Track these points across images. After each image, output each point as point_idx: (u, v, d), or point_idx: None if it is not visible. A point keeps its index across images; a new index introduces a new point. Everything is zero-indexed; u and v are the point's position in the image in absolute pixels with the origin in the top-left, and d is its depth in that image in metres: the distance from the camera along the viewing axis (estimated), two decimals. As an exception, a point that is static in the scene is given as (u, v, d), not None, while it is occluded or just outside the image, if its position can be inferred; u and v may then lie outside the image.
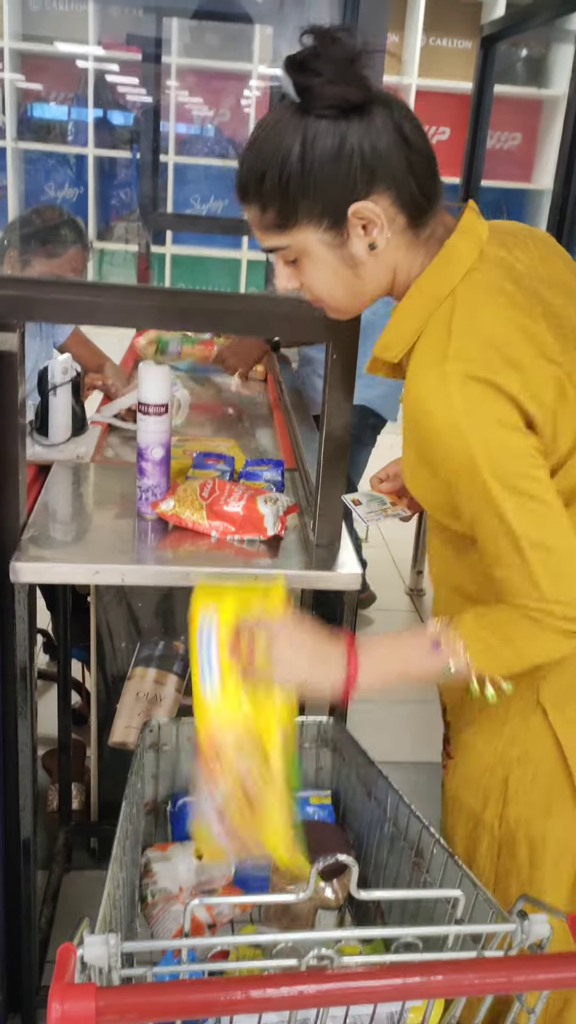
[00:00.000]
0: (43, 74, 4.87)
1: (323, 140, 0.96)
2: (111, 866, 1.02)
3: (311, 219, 0.99)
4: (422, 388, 1.00)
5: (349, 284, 1.05)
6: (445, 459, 1.00)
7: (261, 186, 0.99)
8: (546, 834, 1.15)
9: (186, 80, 4.90)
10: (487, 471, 0.97)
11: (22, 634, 1.40)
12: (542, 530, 0.98)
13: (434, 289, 1.03)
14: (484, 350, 0.98)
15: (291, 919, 1.23)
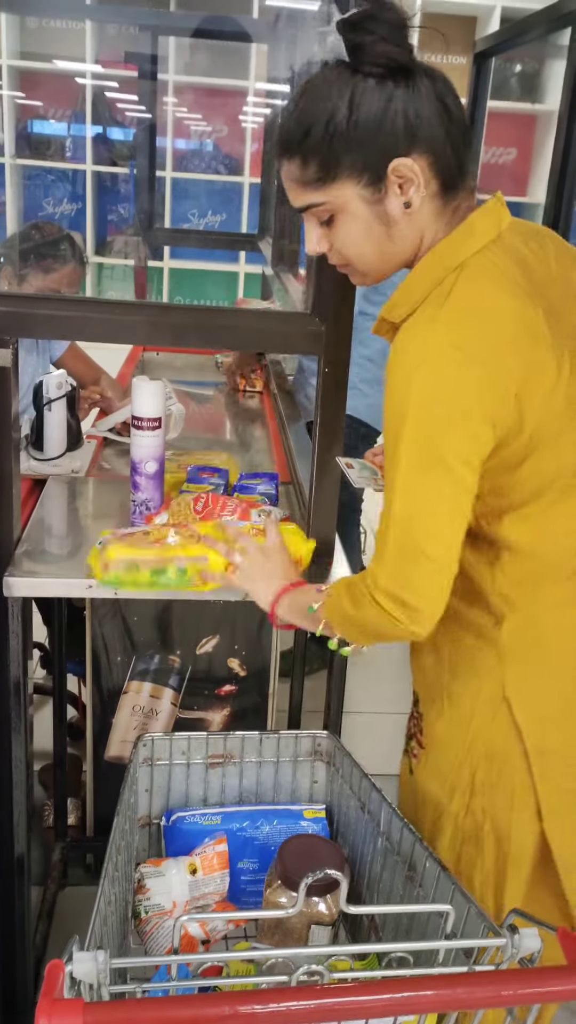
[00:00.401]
0: (41, 91, 4.90)
1: (370, 97, 1.00)
2: (102, 882, 1.01)
3: (352, 173, 1.03)
4: (404, 338, 1.03)
5: (380, 243, 1.08)
6: (387, 401, 1.03)
7: (306, 139, 1.03)
8: (511, 827, 1.17)
9: (183, 97, 4.93)
10: (410, 430, 1.00)
11: (16, 649, 1.40)
12: (420, 511, 1.02)
13: (447, 258, 1.06)
14: (473, 322, 1.00)
15: (284, 934, 1.22)
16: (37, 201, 5.05)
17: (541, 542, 1.11)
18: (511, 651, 1.15)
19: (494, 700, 1.16)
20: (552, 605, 1.14)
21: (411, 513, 1.02)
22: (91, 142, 4.86)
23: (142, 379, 1.49)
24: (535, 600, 1.14)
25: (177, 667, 1.89)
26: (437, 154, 1.03)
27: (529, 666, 1.15)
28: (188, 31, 3.65)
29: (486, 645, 1.16)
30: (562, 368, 1.04)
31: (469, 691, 1.18)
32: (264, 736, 1.38)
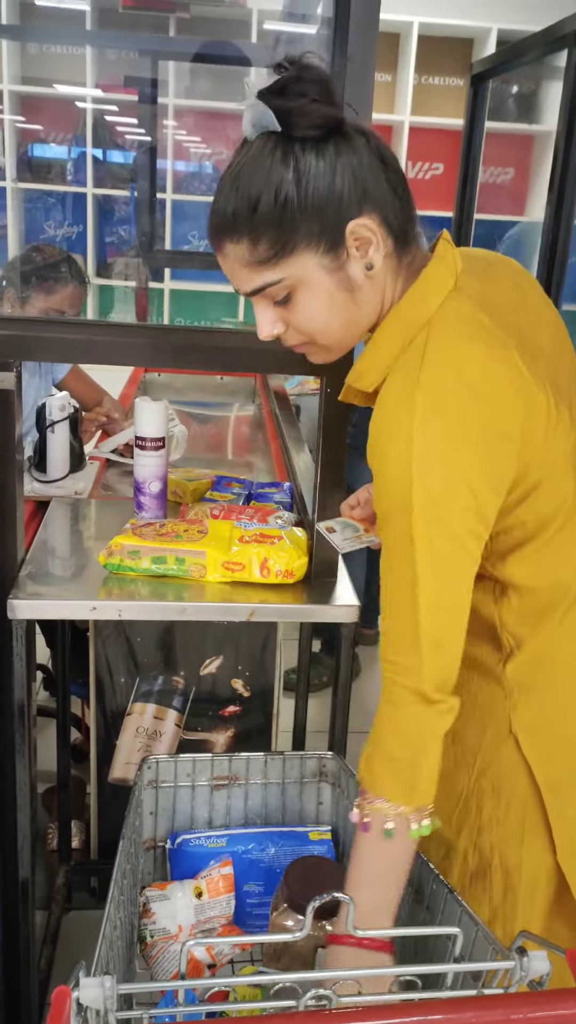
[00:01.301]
0: (42, 115, 4.95)
1: (315, 162, 0.96)
2: (107, 907, 1.01)
3: (310, 242, 0.98)
4: (386, 414, 0.99)
5: (345, 311, 1.03)
6: (385, 478, 0.99)
7: (253, 217, 0.97)
8: (521, 861, 1.15)
9: (183, 120, 4.97)
10: (421, 521, 0.95)
11: (20, 671, 1.39)
12: (446, 594, 0.98)
13: (411, 316, 1.02)
14: (456, 387, 0.97)
15: (291, 958, 1.21)
16: (38, 224, 5.09)
17: (545, 576, 1.10)
18: (518, 687, 1.13)
19: (500, 736, 1.14)
20: (559, 637, 1.12)
21: (439, 602, 0.98)
22: (92, 165, 4.90)
23: (145, 400, 1.51)
24: (541, 633, 1.12)
25: (181, 688, 1.89)
26: (385, 209, 1.00)
27: (537, 699, 1.13)
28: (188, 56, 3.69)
29: (491, 682, 1.14)
30: (549, 402, 1.01)
31: (474, 728, 1.16)
32: (269, 757, 1.38)
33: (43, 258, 2.35)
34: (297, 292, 1.01)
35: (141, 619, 1.61)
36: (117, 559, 1.45)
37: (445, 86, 4.80)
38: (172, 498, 1.70)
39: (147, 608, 1.40)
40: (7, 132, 4.79)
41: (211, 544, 1.46)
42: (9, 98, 4.70)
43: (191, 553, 1.45)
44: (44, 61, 4.85)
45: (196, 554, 1.45)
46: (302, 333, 1.05)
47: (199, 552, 1.45)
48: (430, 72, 4.75)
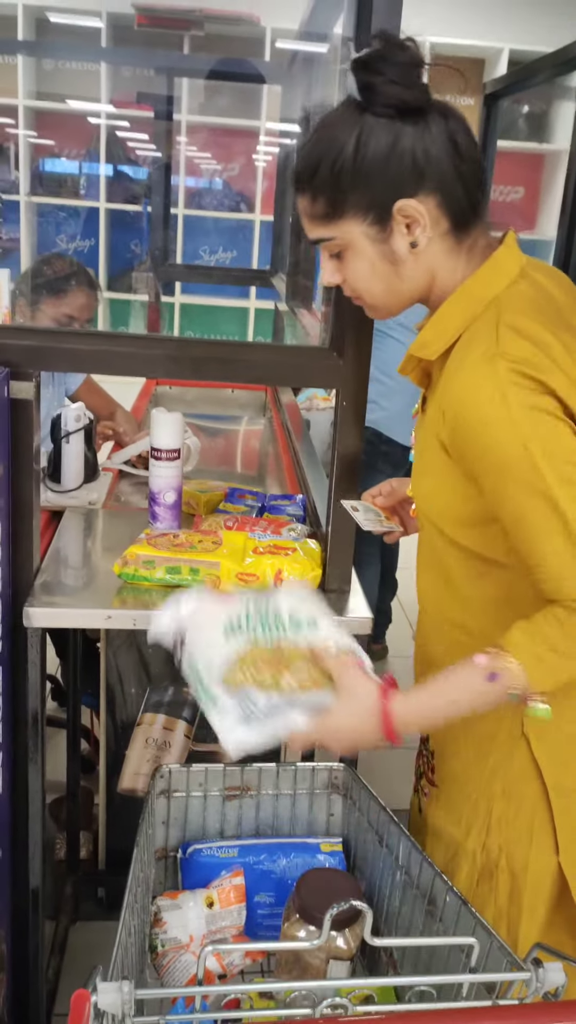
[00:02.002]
0: (57, 131, 5.00)
1: (377, 137, 1.00)
2: (123, 913, 1.01)
3: (357, 212, 1.04)
4: (469, 381, 1.01)
5: (388, 281, 1.09)
6: (485, 452, 1.00)
7: (314, 176, 1.04)
8: (527, 863, 1.16)
9: (195, 136, 5.02)
10: (542, 460, 0.97)
11: (34, 679, 1.40)
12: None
13: (479, 293, 1.06)
14: (534, 351, 1.00)
15: (302, 970, 1.21)
16: (51, 237, 5.13)
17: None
18: None
19: (512, 737, 1.15)
20: None
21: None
22: (105, 180, 4.95)
23: (161, 411, 1.53)
24: None
25: (191, 699, 1.89)
26: (447, 194, 1.04)
27: (549, 702, 1.14)
28: (202, 73, 3.73)
29: None
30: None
31: (487, 729, 1.17)
32: (281, 768, 1.38)
33: (52, 269, 2.37)
34: (346, 252, 1.08)
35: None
36: (132, 568, 1.46)
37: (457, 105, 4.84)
38: (186, 509, 1.70)
39: (161, 618, 1.41)
40: (22, 147, 4.84)
41: (225, 555, 1.47)
42: (24, 113, 4.75)
43: (205, 564, 1.46)
44: (59, 77, 4.90)
45: (210, 565, 1.46)
46: (352, 289, 1.13)
47: (213, 563, 1.46)
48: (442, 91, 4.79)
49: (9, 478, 1.39)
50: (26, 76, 4.72)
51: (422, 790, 1.32)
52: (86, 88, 4.82)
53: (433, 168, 1.02)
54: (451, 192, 1.04)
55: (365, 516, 1.39)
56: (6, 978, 1.51)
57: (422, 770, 1.31)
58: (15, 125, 4.80)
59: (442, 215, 1.05)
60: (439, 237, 1.06)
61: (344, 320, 1.37)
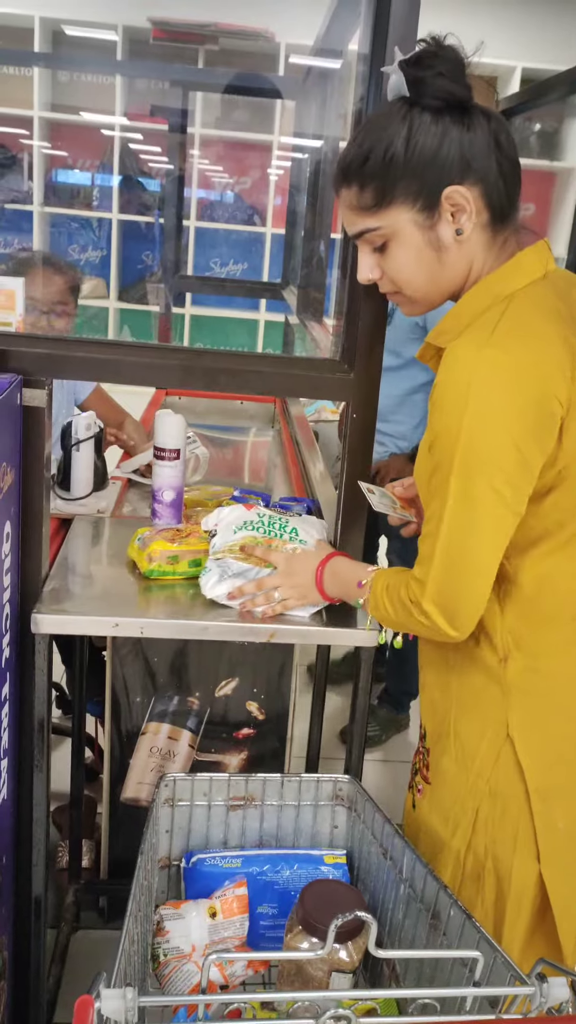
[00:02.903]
0: (71, 142, 5.04)
1: (427, 127, 1.06)
2: (127, 921, 1.01)
3: (407, 198, 1.08)
4: (449, 363, 1.06)
5: (431, 269, 1.12)
6: (437, 421, 1.07)
7: (364, 165, 1.09)
8: (512, 867, 1.17)
9: (208, 149, 5.05)
10: (463, 452, 1.03)
11: (41, 686, 1.40)
12: (469, 528, 1.06)
13: (498, 288, 1.10)
14: (522, 349, 1.03)
15: (304, 982, 1.21)
16: (63, 248, 5.16)
17: (550, 582, 1.13)
18: (516, 690, 1.16)
19: (499, 738, 1.17)
20: (558, 646, 1.16)
21: (460, 530, 1.07)
22: (117, 191, 4.98)
23: (165, 413, 1.57)
24: (541, 640, 1.15)
25: (196, 709, 1.89)
26: (488, 186, 1.09)
27: (533, 706, 1.16)
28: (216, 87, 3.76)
29: (492, 683, 1.17)
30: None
31: (475, 728, 1.19)
32: (286, 779, 1.38)
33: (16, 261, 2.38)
34: (391, 242, 1.12)
35: (162, 637, 1.62)
36: (157, 565, 1.51)
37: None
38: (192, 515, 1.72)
39: (168, 626, 1.41)
40: (36, 158, 4.88)
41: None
42: (39, 125, 4.79)
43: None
44: (74, 89, 4.94)
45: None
46: (393, 282, 1.16)
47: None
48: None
49: (20, 485, 1.39)
50: (42, 88, 4.77)
51: (416, 787, 1.33)
52: (101, 100, 4.86)
53: (478, 160, 1.07)
54: (493, 185, 1.09)
55: (380, 500, 1.40)
56: (7, 986, 1.51)
57: (418, 767, 1.32)
58: (30, 136, 4.84)
59: (483, 206, 1.09)
60: (479, 228, 1.11)
61: (355, 333, 1.38)
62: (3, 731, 1.38)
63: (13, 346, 1.37)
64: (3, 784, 1.40)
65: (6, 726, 1.40)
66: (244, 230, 5.11)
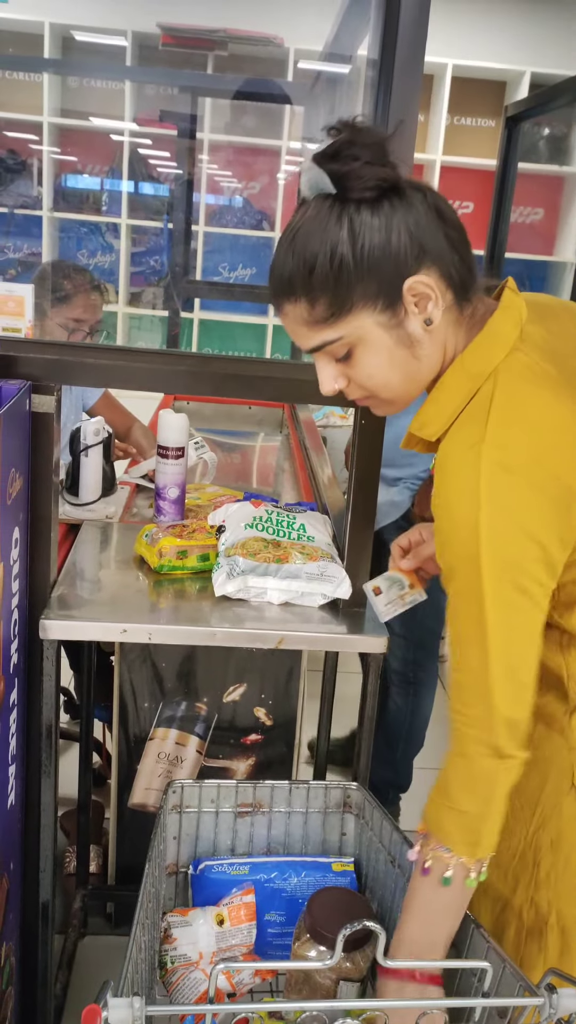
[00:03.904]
0: (81, 148, 5.05)
1: (370, 222, 0.97)
2: (134, 928, 1.01)
3: (366, 301, 0.99)
4: (453, 467, 0.99)
5: (406, 366, 1.04)
6: (452, 532, 0.99)
7: (310, 278, 0.98)
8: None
9: (216, 154, 5.06)
10: (488, 570, 0.96)
11: (49, 691, 1.40)
12: (516, 643, 0.98)
13: (476, 367, 1.02)
14: (522, 438, 0.97)
15: (312, 990, 1.20)
16: (72, 252, 5.17)
17: None
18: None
19: (562, 788, 1.12)
20: None
21: (509, 651, 0.99)
22: (126, 196, 4.99)
23: (168, 412, 1.61)
24: None
25: (203, 715, 1.89)
26: (444, 264, 1.00)
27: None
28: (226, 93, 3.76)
29: (556, 733, 1.13)
30: None
31: (535, 779, 1.13)
32: (294, 786, 1.38)
33: (55, 272, 2.40)
34: (357, 349, 1.02)
35: (171, 643, 1.62)
36: (167, 560, 1.54)
37: (477, 127, 4.86)
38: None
39: (177, 632, 1.41)
40: (45, 163, 4.89)
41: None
42: (48, 130, 4.80)
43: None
44: (83, 95, 4.95)
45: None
46: (363, 388, 1.06)
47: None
48: (462, 113, 4.82)
49: (28, 490, 1.40)
50: (51, 93, 4.77)
51: None
52: (110, 106, 4.87)
53: (428, 240, 0.99)
54: (448, 261, 1.01)
55: (387, 599, 1.33)
56: (14, 992, 1.51)
57: None
58: (39, 141, 4.85)
59: (446, 287, 1.01)
60: (446, 310, 1.03)
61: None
62: (11, 736, 1.38)
63: (22, 352, 1.37)
64: (11, 789, 1.40)
65: (14, 731, 1.40)
66: (253, 235, 5.12)
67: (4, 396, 1.29)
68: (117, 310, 5.07)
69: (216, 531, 1.57)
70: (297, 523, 1.55)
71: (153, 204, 5.14)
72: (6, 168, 4.87)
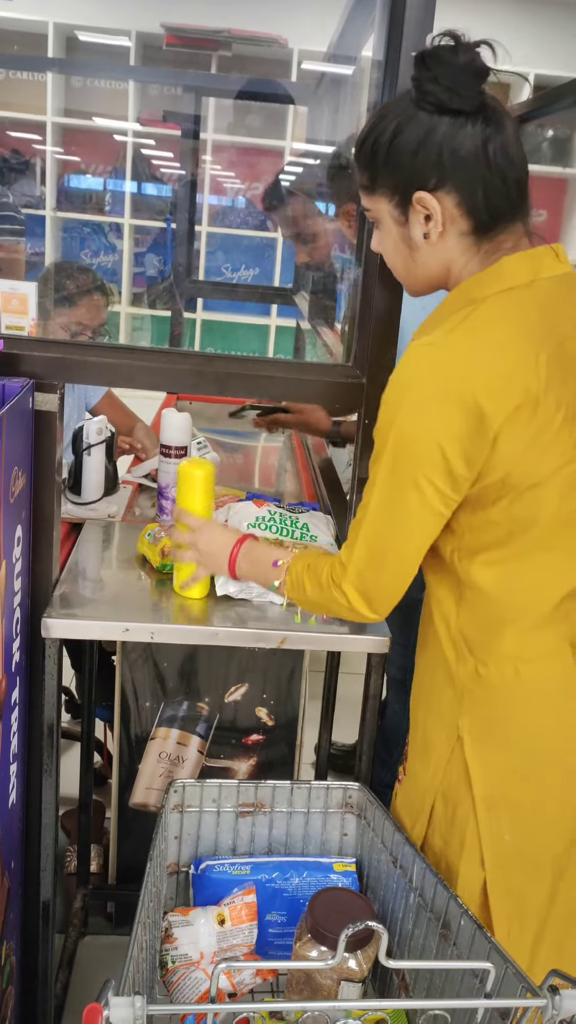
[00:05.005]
0: (84, 148, 5.05)
1: (413, 126, 1.06)
2: (135, 928, 1.01)
3: (386, 190, 1.11)
4: (407, 352, 1.08)
5: (405, 262, 1.16)
6: (380, 412, 1.10)
7: (361, 148, 1.12)
8: (459, 872, 1.16)
9: (220, 155, 5.06)
10: (391, 449, 1.07)
11: (51, 690, 1.40)
12: (388, 524, 1.10)
13: (473, 292, 1.09)
14: (467, 356, 1.03)
15: (313, 991, 1.20)
16: (75, 252, 5.18)
17: (506, 589, 1.12)
18: (468, 693, 1.16)
19: (451, 739, 1.17)
20: (511, 655, 1.14)
21: (383, 522, 1.11)
22: (130, 197, 5.00)
23: (170, 411, 1.60)
24: (495, 646, 1.14)
25: (205, 715, 1.88)
26: (466, 195, 1.07)
27: (484, 712, 1.15)
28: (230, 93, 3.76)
29: (448, 682, 1.18)
30: (553, 419, 1.04)
31: (433, 726, 1.20)
32: (295, 786, 1.38)
33: (67, 279, 2.39)
34: (379, 224, 1.16)
35: (173, 642, 1.61)
36: (170, 559, 1.53)
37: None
38: None
39: (179, 631, 1.41)
40: (49, 163, 4.90)
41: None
42: (52, 130, 4.81)
43: None
44: (87, 95, 4.96)
45: None
46: (386, 259, 1.20)
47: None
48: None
49: (31, 489, 1.40)
50: (55, 93, 4.78)
51: (399, 779, 1.33)
52: (114, 106, 4.87)
53: (457, 168, 1.06)
54: (472, 195, 1.07)
55: None
56: (14, 991, 1.50)
57: (401, 760, 1.32)
58: (43, 141, 4.85)
59: (461, 215, 1.08)
60: (457, 235, 1.10)
61: (367, 338, 1.37)
62: (13, 735, 1.38)
63: (25, 350, 1.37)
64: (12, 788, 1.39)
65: (16, 730, 1.40)
66: (256, 235, 5.12)
67: (7, 394, 1.29)
68: (120, 310, 5.07)
69: None
70: (300, 523, 1.55)
71: (156, 204, 5.14)
72: (10, 168, 4.87)
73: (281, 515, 1.56)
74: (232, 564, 1.38)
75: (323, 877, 1.34)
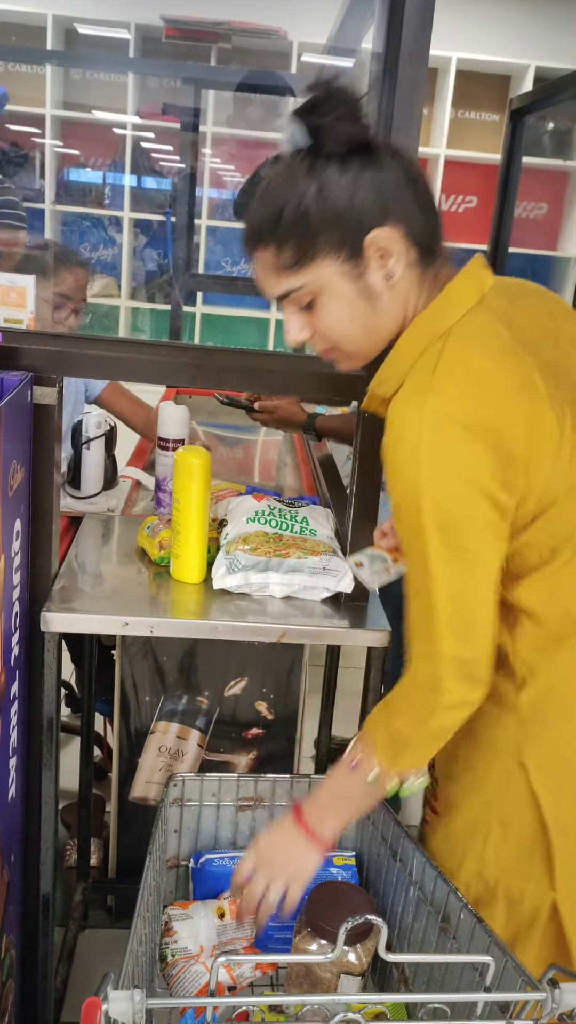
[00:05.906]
0: (83, 140, 5.04)
1: (338, 175, 1.01)
2: (135, 921, 1.01)
3: (330, 250, 1.03)
4: (399, 414, 1.02)
5: (366, 319, 1.07)
6: (395, 485, 1.03)
7: (277, 225, 1.03)
8: (524, 894, 1.13)
9: (219, 147, 5.04)
10: (430, 515, 0.99)
11: (50, 684, 1.40)
12: (463, 586, 1.02)
13: (431, 326, 1.06)
14: (466, 389, 1.00)
15: (313, 984, 1.20)
16: (74, 245, 5.16)
17: (558, 604, 1.09)
18: (531, 717, 1.12)
19: (510, 767, 1.13)
20: (572, 668, 1.11)
21: (459, 589, 1.02)
22: (129, 190, 4.98)
23: (168, 404, 1.61)
24: (554, 664, 1.11)
25: (205, 708, 1.88)
26: (410, 222, 1.04)
27: (549, 732, 1.12)
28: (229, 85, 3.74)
29: (505, 711, 1.13)
30: (563, 425, 1.02)
31: (484, 757, 1.15)
32: (295, 780, 1.38)
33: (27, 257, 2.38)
34: (319, 298, 1.06)
35: (172, 636, 1.62)
36: (168, 552, 1.52)
37: (481, 121, 4.85)
38: None
39: (178, 625, 1.41)
40: (48, 156, 4.88)
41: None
42: (51, 123, 4.79)
43: None
44: (86, 87, 4.94)
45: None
46: (326, 339, 1.10)
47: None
48: (466, 107, 4.80)
49: (30, 483, 1.39)
50: (54, 86, 4.76)
51: (425, 818, 1.29)
52: (113, 99, 4.85)
53: (395, 198, 1.03)
54: (414, 220, 1.04)
55: (371, 569, 1.34)
56: (14, 985, 1.51)
57: (426, 797, 1.29)
58: (42, 134, 4.84)
59: (409, 244, 1.05)
60: (408, 267, 1.06)
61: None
62: (12, 729, 1.38)
63: (24, 343, 1.37)
64: (12, 782, 1.39)
65: (15, 724, 1.40)
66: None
67: (6, 387, 1.29)
68: (120, 303, 5.06)
69: (218, 524, 1.56)
70: (300, 517, 1.54)
71: (156, 198, 5.13)
72: (9, 161, 4.86)
73: (281, 509, 1.56)
74: (313, 834, 1.14)
75: (322, 870, 1.34)
